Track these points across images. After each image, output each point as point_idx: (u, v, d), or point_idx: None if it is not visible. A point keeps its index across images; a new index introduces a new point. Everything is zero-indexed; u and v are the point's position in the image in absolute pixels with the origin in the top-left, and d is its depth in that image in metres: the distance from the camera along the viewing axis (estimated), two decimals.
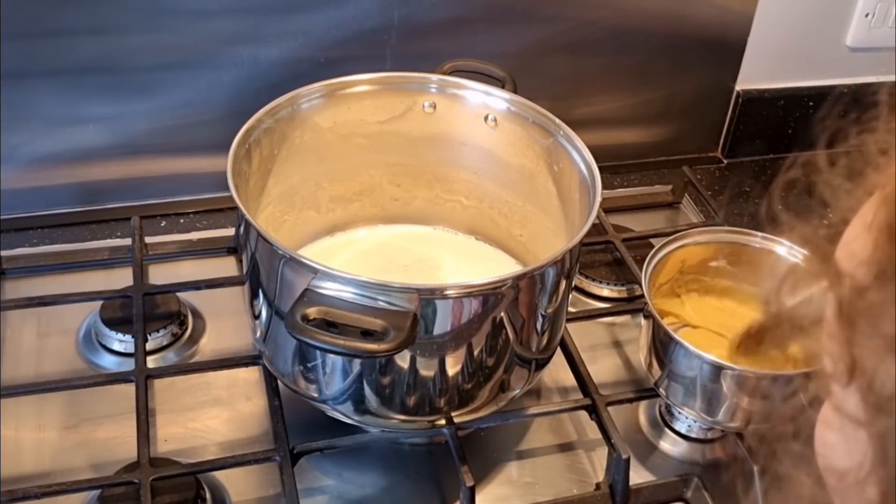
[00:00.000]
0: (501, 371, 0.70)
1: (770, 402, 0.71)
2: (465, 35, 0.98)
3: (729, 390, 0.71)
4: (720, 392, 0.72)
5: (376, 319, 0.59)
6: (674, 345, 0.72)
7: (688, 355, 0.72)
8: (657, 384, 0.77)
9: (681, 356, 0.72)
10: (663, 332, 0.73)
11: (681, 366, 0.73)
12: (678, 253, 0.80)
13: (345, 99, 0.79)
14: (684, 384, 0.74)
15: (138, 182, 0.98)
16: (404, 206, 0.88)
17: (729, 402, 0.72)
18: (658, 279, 0.79)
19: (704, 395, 0.73)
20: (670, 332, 0.73)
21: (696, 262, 0.81)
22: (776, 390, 0.70)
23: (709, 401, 0.73)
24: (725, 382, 0.71)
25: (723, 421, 0.74)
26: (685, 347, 0.71)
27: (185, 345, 0.85)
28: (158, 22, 0.89)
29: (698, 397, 0.73)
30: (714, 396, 0.72)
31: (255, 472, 0.73)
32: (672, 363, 0.74)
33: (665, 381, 0.76)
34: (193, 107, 0.94)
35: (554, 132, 0.77)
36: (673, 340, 0.72)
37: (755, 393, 0.71)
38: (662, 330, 0.73)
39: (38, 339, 0.84)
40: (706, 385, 0.72)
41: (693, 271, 0.82)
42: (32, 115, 0.91)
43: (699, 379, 0.72)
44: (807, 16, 1.11)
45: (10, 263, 0.90)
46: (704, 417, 0.75)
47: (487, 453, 0.78)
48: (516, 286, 0.65)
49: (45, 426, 0.77)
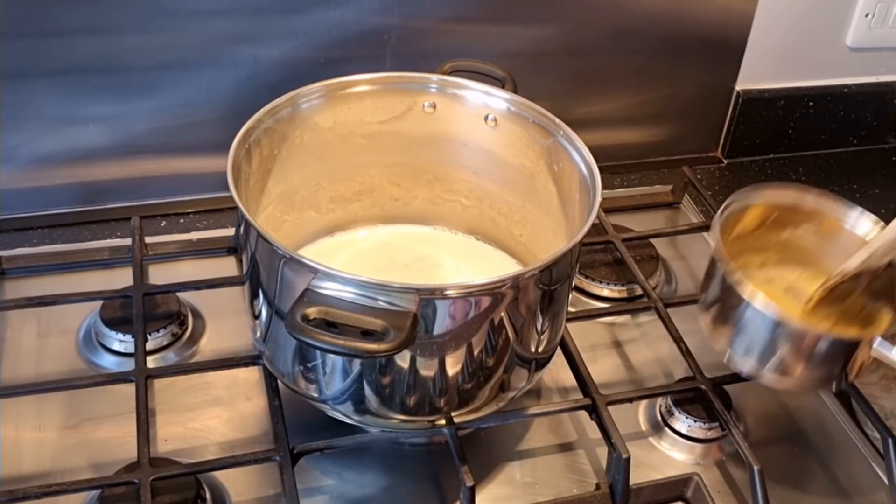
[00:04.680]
0: (501, 371, 0.70)
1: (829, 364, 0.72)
2: (465, 35, 0.98)
3: (794, 347, 0.72)
4: (786, 349, 0.72)
5: (376, 319, 0.59)
6: (743, 301, 0.72)
7: (759, 312, 0.71)
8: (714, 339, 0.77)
9: (749, 311, 0.72)
10: (733, 278, 0.73)
11: (749, 321, 0.73)
12: (754, 210, 0.80)
13: (345, 99, 0.79)
14: (749, 337, 0.73)
15: (138, 182, 0.98)
16: (404, 206, 0.88)
17: (789, 359, 0.72)
18: (733, 231, 0.79)
19: (768, 351, 0.73)
20: (739, 279, 0.72)
21: (771, 223, 0.81)
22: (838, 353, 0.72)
23: (770, 356, 0.73)
24: (793, 339, 0.71)
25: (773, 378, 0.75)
26: (755, 303, 0.71)
27: (185, 345, 0.85)
28: (158, 22, 0.89)
29: (760, 352, 0.73)
30: (780, 354, 0.72)
31: (255, 472, 0.73)
32: (739, 317, 0.73)
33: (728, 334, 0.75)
34: (193, 107, 0.94)
35: (554, 132, 0.77)
36: (741, 291, 0.72)
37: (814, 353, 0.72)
38: (732, 276, 0.73)
39: (38, 339, 0.84)
40: (774, 342, 0.72)
41: (768, 232, 0.81)
42: (32, 115, 0.91)
43: (770, 335, 0.72)
44: (807, 16, 1.11)
45: (10, 263, 0.90)
46: (765, 374, 0.75)
47: (487, 453, 0.78)
48: (516, 286, 0.65)
49: (45, 426, 0.77)
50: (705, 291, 0.78)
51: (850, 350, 0.72)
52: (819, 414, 0.85)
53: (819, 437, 0.83)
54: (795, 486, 0.78)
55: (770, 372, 0.74)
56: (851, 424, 0.84)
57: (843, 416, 0.84)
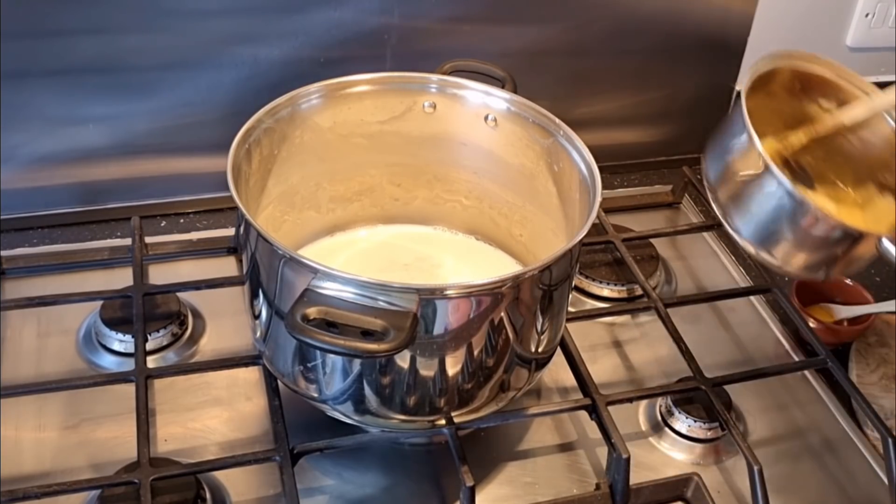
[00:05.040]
0: (501, 371, 0.70)
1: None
2: (465, 35, 0.98)
3: (799, 224, 0.69)
4: (789, 225, 0.70)
5: (376, 319, 0.59)
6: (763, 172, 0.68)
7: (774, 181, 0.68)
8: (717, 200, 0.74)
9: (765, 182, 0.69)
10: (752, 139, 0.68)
11: (761, 187, 0.69)
12: (787, 72, 0.76)
13: (345, 99, 0.79)
14: (758, 216, 0.71)
15: (138, 182, 0.98)
16: (404, 206, 0.88)
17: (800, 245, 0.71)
18: (762, 94, 0.75)
19: (769, 222, 0.70)
20: (758, 143, 0.68)
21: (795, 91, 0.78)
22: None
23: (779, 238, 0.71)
24: (801, 217, 0.69)
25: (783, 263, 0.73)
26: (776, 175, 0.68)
27: (185, 345, 0.85)
28: (158, 22, 0.89)
29: (760, 221, 0.71)
30: (781, 229, 0.70)
31: (255, 472, 0.73)
32: (750, 191, 0.70)
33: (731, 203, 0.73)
34: (193, 107, 0.94)
35: (554, 132, 0.77)
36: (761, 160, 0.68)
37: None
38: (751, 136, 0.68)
39: (38, 339, 0.84)
40: (780, 214, 0.69)
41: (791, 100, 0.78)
42: (32, 115, 0.91)
43: (777, 206, 0.69)
44: (807, 16, 1.11)
45: (10, 263, 0.90)
46: (766, 257, 0.73)
47: (487, 453, 0.78)
48: (516, 286, 0.65)
49: (45, 426, 0.77)
50: (717, 151, 0.75)
51: (851, 241, 0.70)
52: (819, 414, 0.85)
53: (819, 437, 0.83)
54: (795, 485, 0.78)
55: (764, 244, 0.72)
56: (851, 424, 0.84)
57: (843, 416, 0.84)
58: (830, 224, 0.69)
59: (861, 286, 0.94)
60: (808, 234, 0.69)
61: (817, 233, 0.69)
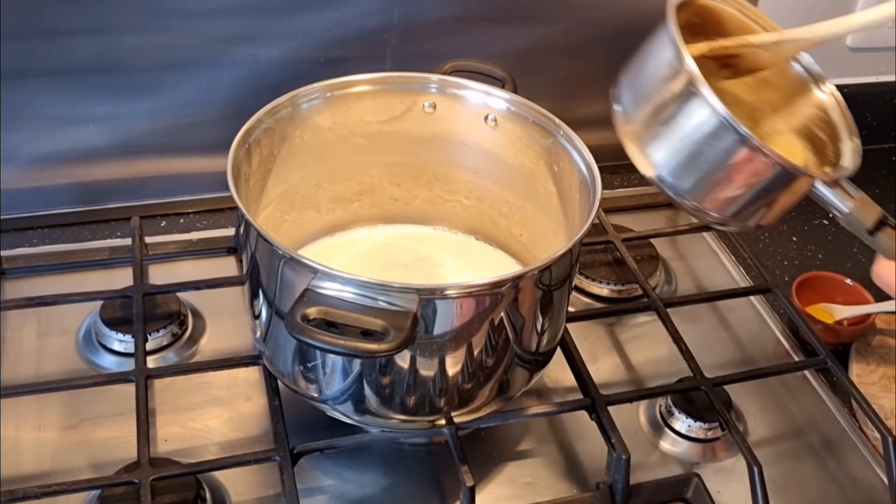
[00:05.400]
0: (501, 371, 0.70)
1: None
2: (465, 35, 0.98)
3: (728, 159, 0.61)
4: (717, 159, 0.61)
5: (376, 319, 0.59)
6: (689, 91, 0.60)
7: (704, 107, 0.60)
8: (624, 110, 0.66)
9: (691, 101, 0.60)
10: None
11: (688, 115, 0.61)
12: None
13: (345, 99, 0.79)
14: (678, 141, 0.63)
15: (138, 182, 0.98)
16: (404, 206, 0.88)
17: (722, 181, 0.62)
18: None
19: (696, 156, 0.62)
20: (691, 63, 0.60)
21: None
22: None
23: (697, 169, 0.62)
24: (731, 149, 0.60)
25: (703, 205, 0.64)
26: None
27: (185, 345, 0.85)
28: (158, 22, 0.89)
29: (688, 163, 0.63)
30: (709, 163, 0.62)
31: (255, 472, 0.73)
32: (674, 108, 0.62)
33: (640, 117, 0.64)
34: (193, 107, 0.94)
35: (554, 132, 0.77)
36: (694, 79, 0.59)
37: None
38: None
39: (38, 339, 0.84)
40: (706, 146, 0.61)
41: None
42: (32, 115, 0.91)
43: (705, 137, 0.61)
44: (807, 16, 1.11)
45: (10, 263, 0.90)
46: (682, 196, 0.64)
47: (487, 453, 0.78)
48: (516, 286, 0.65)
49: (45, 426, 0.77)
50: (635, 75, 0.68)
51: (784, 180, 0.62)
52: (819, 414, 0.85)
53: (819, 437, 0.83)
54: (795, 485, 0.78)
55: (684, 183, 0.63)
56: (851, 424, 0.84)
57: (843, 416, 0.84)
58: (771, 161, 0.60)
59: (861, 286, 0.94)
60: (740, 171, 0.61)
61: (751, 171, 0.61)
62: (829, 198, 0.63)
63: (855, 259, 1.04)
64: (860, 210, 0.63)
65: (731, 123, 0.60)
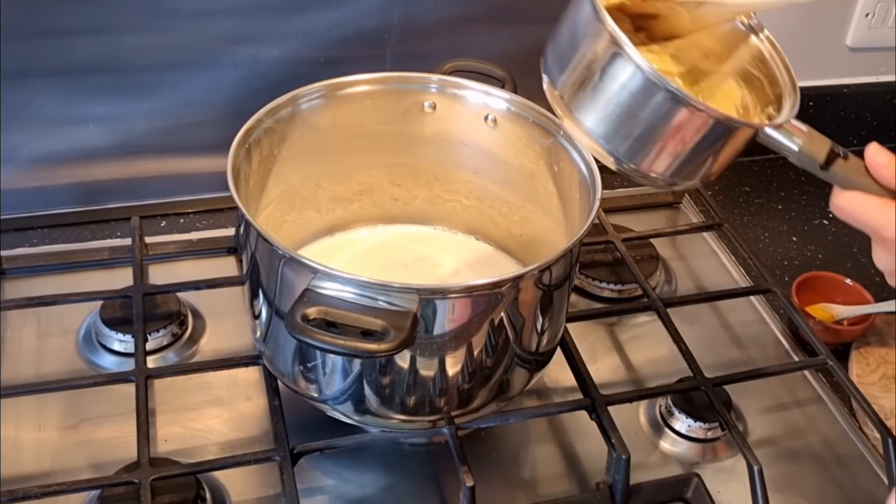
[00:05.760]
0: (501, 371, 0.70)
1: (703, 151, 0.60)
2: (465, 35, 0.98)
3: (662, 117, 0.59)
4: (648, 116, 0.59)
5: (376, 319, 0.59)
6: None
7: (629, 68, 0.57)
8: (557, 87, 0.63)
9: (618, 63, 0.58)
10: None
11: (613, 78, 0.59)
12: None
13: (345, 99, 0.79)
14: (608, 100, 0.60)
15: (138, 182, 0.98)
16: (404, 206, 0.88)
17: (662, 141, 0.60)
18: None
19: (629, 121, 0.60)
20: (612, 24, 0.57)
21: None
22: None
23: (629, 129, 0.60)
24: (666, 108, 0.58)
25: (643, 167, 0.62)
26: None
27: (185, 345, 0.85)
28: (158, 22, 0.89)
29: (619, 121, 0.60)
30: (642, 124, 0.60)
31: (255, 472, 0.73)
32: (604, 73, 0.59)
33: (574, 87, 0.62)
34: (193, 107, 0.94)
35: (554, 132, 0.77)
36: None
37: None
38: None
39: (38, 339, 0.84)
40: (639, 106, 0.59)
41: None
42: (32, 115, 0.91)
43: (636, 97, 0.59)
44: (807, 16, 1.11)
45: (10, 263, 0.90)
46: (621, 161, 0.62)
47: (487, 453, 0.78)
48: (516, 286, 0.65)
49: (45, 426, 0.77)
50: (561, 40, 0.66)
51: (723, 132, 0.60)
52: (819, 414, 0.85)
53: (819, 437, 0.83)
54: (795, 486, 0.78)
55: (625, 147, 0.61)
56: (851, 424, 0.84)
57: (843, 416, 0.84)
58: (706, 115, 0.58)
59: (861, 286, 0.94)
60: (677, 129, 0.59)
61: (689, 127, 0.59)
62: (776, 139, 0.61)
63: (855, 259, 1.04)
64: (809, 146, 0.61)
65: (658, 81, 0.58)
